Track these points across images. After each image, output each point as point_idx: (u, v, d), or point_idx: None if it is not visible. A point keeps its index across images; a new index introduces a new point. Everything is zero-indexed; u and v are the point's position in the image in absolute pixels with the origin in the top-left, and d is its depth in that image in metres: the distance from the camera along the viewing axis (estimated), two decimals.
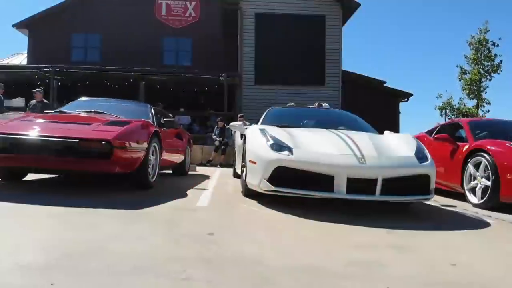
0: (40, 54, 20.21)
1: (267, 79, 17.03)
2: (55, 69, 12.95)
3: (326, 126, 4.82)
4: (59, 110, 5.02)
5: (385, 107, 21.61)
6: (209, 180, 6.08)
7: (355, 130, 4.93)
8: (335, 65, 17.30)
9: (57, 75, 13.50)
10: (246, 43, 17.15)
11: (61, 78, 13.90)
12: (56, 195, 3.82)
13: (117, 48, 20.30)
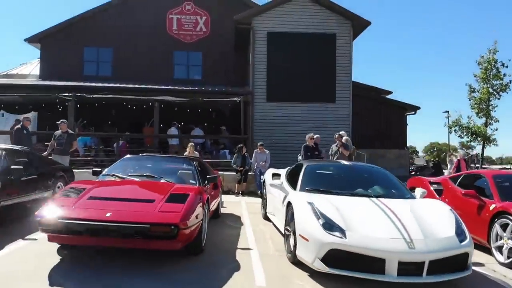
0: (52, 68, 20.46)
1: (278, 96, 17.33)
2: (75, 94, 13.19)
3: (363, 187, 5.17)
4: (113, 174, 5.32)
5: (393, 120, 21.96)
6: (244, 228, 6.39)
7: (388, 191, 5.28)
8: (345, 82, 17.58)
9: (77, 98, 13.75)
10: (258, 61, 17.43)
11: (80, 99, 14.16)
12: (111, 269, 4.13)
13: (128, 62, 20.53)
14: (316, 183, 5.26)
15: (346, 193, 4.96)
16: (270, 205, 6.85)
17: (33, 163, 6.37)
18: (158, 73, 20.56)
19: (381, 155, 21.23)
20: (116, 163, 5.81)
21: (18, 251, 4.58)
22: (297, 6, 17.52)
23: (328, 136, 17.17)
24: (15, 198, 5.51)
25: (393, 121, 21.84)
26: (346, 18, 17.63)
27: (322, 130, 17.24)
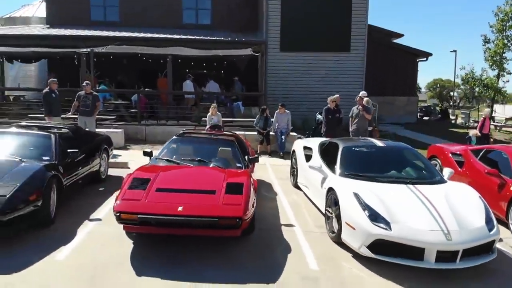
0: (59, 13, 20.00)
1: (292, 46, 17.20)
2: (93, 49, 13.14)
3: (396, 169, 5.66)
4: (167, 159, 5.72)
5: (404, 66, 21.88)
6: (280, 199, 6.94)
7: (420, 173, 5.76)
8: (360, 31, 17.37)
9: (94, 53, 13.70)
10: (272, 9, 17.06)
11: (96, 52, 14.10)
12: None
13: (136, 7, 20.03)
14: (354, 167, 5.68)
15: (384, 179, 5.40)
16: (301, 176, 7.32)
17: (82, 140, 6.73)
18: (167, 17, 20.13)
19: (390, 102, 21.52)
20: (164, 146, 6.18)
21: (91, 236, 5.09)
22: None
23: (342, 87, 17.36)
24: (73, 178, 5.95)
25: (404, 67, 21.76)
26: None
27: (336, 80, 17.40)
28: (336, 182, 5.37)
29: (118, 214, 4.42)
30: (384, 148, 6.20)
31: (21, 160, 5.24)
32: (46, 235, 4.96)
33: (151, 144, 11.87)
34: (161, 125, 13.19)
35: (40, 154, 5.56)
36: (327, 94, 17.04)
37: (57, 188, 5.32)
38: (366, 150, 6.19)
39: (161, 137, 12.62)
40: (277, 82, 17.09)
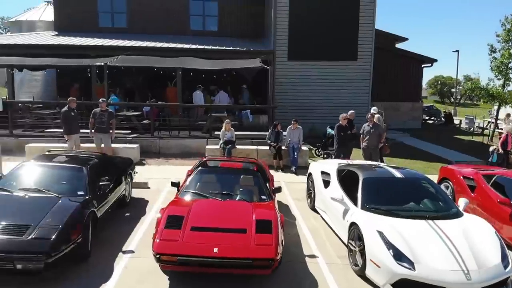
0: (66, 19, 20.20)
1: (300, 55, 17.44)
2: (107, 64, 13.36)
3: (415, 201, 5.93)
4: (196, 193, 5.96)
5: (409, 72, 22.09)
6: (299, 224, 7.20)
7: (437, 204, 6.02)
8: (367, 39, 17.59)
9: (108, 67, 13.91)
10: (280, 18, 17.28)
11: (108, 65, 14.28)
12: None
13: (143, 13, 20.24)
14: (375, 199, 5.94)
15: (405, 214, 5.66)
16: (319, 200, 7.58)
17: (108, 167, 6.96)
18: (174, 24, 20.35)
19: (395, 108, 21.77)
20: (191, 177, 6.41)
21: (128, 271, 5.30)
22: None
23: (349, 95, 17.60)
24: (104, 208, 6.21)
25: (409, 73, 22.02)
26: None
27: (343, 88, 17.65)
28: (359, 217, 5.62)
29: (158, 256, 4.69)
30: (403, 179, 6.45)
31: (58, 197, 5.48)
32: (85, 271, 5.22)
33: (165, 158, 12.12)
34: (174, 137, 13.42)
35: (74, 188, 5.80)
36: (334, 102, 17.43)
37: (93, 222, 5.58)
38: (385, 181, 6.42)
39: (174, 150, 12.90)
40: (284, 90, 17.33)
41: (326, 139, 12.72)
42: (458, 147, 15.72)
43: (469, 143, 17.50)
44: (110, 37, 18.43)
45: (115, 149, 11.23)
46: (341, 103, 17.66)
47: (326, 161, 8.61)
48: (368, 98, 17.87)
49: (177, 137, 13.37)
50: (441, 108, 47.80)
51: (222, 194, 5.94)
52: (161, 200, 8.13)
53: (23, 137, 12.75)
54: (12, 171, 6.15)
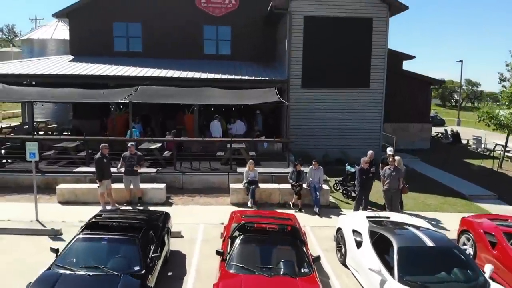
0: (81, 43, 20.59)
1: (313, 83, 17.82)
2: (132, 101, 13.75)
3: (446, 271, 6.35)
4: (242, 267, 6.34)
5: (417, 93, 22.46)
6: (332, 282, 7.60)
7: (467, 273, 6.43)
8: (380, 67, 17.96)
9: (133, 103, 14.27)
10: (294, 47, 17.66)
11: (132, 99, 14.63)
12: None
13: (158, 37, 20.64)
14: (411, 271, 6.35)
15: (438, 287, 6.08)
16: (350, 258, 7.97)
17: (155, 231, 7.35)
18: (189, 48, 20.77)
19: (404, 129, 22.21)
20: (235, 246, 6.77)
21: None
22: None
23: (361, 120, 18.00)
24: (155, 277, 6.61)
25: (417, 94, 22.37)
26: (383, 1, 17.53)
27: (356, 115, 18.03)
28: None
29: None
30: (435, 248, 6.82)
31: (119, 276, 5.86)
32: None
33: (190, 195, 12.51)
34: (196, 171, 13.81)
35: (130, 264, 6.14)
36: (347, 128, 17.86)
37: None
38: (419, 251, 6.78)
39: (197, 185, 13.30)
40: (298, 116, 17.69)
41: (346, 176, 13.09)
42: (469, 176, 16.10)
43: (480, 170, 17.89)
44: (126, 62, 18.85)
45: (143, 190, 11.65)
46: (353, 129, 18.13)
47: (355, 216, 8.92)
48: (380, 124, 18.27)
49: (199, 172, 13.75)
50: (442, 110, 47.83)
51: (268, 269, 6.31)
52: (198, 254, 8.54)
53: (49, 173, 13.11)
54: (69, 246, 6.49)
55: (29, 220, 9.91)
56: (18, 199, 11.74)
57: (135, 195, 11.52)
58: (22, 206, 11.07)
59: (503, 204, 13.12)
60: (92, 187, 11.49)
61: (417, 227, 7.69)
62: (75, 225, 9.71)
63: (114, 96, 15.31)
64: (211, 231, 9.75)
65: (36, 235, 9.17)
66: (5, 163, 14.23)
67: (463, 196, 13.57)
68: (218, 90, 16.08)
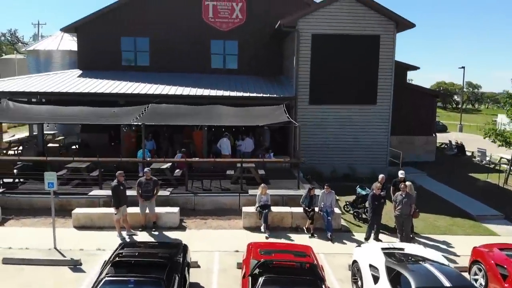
0: (89, 57, 20.74)
1: (320, 99, 18.02)
2: (145, 123, 13.89)
3: None
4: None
5: (423, 107, 22.61)
6: None
7: None
8: (387, 84, 18.13)
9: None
10: (302, 64, 17.83)
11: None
12: None
13: (165, 52, 20.81)
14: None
15: None
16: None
17: (177, 266, 7.53)
18: (196, 62, 20.96)
19: (409, 142, 22.39)
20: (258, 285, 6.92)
21: None
22: (343, 7, 17.56)
23: (368, 136, 18.17)
24: None
25: (423, 108, 22.54)
26: (391, 19, 17.70)
27: (363, 130, 18.21)
28: None
29: None
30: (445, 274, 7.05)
31: None
32: None
33: (202, 218, 12.66)
34: (207, 191, 13.98)
35: None
36: (353, 143, 18.08)
37: None
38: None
39: (209, 206, 13.46)
40: (305, 132, 17.82)
41: (356, 198, 13.26)
42: (476, 193, 16.28)
43: (486, 186, 18.07)
44: (134, 77, 19.10)
45: (157, 214, 11.81)
46: (360, 145, 18.31)
47: (370, 249, 9.05)
48: (387, 139, 18.46)
49: (210, 193, 13.90)
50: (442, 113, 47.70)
51: None
52: (216, 287, 8.72)
53: (64, 195, 13.25)
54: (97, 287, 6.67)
55: (47, 248, 10.08)
56: (34, 223, 11.90)
57: (150, 220, 11.68)
58: (39, 232, 11.23)
59: (510, 224, 13.29)
60: (108, 212, 11.64)
61: (432, 262, 7.86)
62: (94, 253, 9.94)
63: (125, 115, 15.43)
64: (226, 260, 9.91)
65: (56, 265, 9.32)
66: (18, 183, 14.38)
67: (471, 217, 13.74)
68: (227, 108, 16.25)
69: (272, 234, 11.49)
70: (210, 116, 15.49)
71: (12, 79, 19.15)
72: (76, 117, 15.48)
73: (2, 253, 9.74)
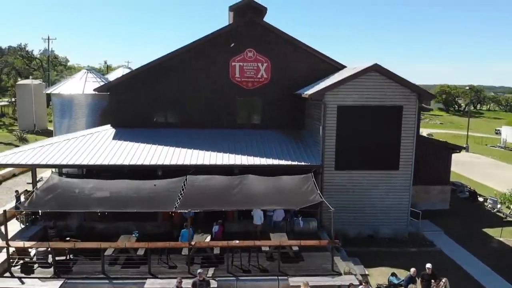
0: (124, 117, 21.70)
1: (346, 165, 19.04)
2: (190, 214, 14.92)
3: None
4: None
5: (437, 158, 23.71)
6: None
7: None
8: (408, 150, 19.17)
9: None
10: (328, 132, 18.77)
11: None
12: None
13: (194, 109, 21.83)
14: None
15: None
16: None
17: None
18: (223, 119, 21.96)
19: (425, 191, 23.55)
20: None
21: None
22: (368, 80, 18.50)
23: (391, 201, 19.27)
24: None
25: (438, 159, 23.61)
26: (413, 91, 18.65)
27: (386, 195, 19.29)
28: None
29: None
30: None
31: None
32: None
33: None
34: (247, 272, 15.05)
35: None
36: (377, 206, 19.12)
37: None
38: None
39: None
40: (331, 196, 18.86)
41: (388, 285, 14.38)
42: (492, 260, 17.45)
43: (500, 250, 19.17)
44: (166, 136, 20.36)
45: None
46: (383, 208, 19.39)
47: None
48: (408, 202, 19.56)
49: (250, 276, 14.89)
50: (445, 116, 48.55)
51: None
52: None
53: (117, 280, 14.33)
54: None
55: None
56: None
57: None
58: None
59: None
60: None
61: None
62: None
63: (166, 190, 16.42)
64: None
65: None
66: (71, 264, 15.36)
67: None
68: (257, 181, 17.14)
69: None
70: (244, 194, 16.36)
71: (43, 146, 19.63)
72: (127, 200, 16.03)
73: None
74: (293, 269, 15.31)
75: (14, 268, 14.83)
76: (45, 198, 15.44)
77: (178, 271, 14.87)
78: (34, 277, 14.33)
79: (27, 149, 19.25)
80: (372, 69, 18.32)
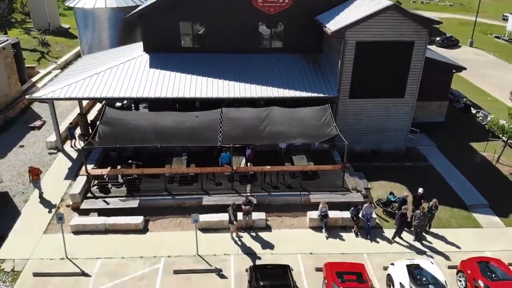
0: (153, 41, 23.56)
1: (358, 94, 21.82)
2: (233, 145, 18.22)
3: None
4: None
5: (440, 78, 26.27)
6: None
7: None
8: (414, 80, 21.78)
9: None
10: (346, 66, 21.12)
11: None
12: None
13: (218, 34, 23.54)
14: None
15: None
16: None
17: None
18: (246, 43, 23.84)
19: (425, 106, 26.66)
20: None
21: None
22: (386, 18, 20.03)
23: (394, 123, 22.54)
24: None
25: (439, 78, 26.08)
26: (425, 27, 20.36)
27: (390, 118, 22.46)
28: None
29: None
30: None
31: None
32: None
33: (278, 215, 18.12)
34: (276, 189, 19.16)
35: None
36: (382, 128, 22.55)
37: None
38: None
39: (279, 202, 18.76)
40: (344, 120, 22.07)
41: (386, 201, 18.51)
42: (473, 173, 21.48)
43: (481, 163, 23.06)
44: (196, 61, 22.80)
45: (253, 220, 17.19)
46: (387, 129, 22.74)
47: (399, 267, 14.45)
48: (409, 123, 22.84)
49: (279, 192, 19.01)
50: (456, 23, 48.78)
51: None
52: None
53: (179, 196, 18.53)
54: None
55: (192, 254, 15.73)
56: (167, 225, 17.38)
57: (248, 224, 17.15)
58: (178, 236, 16.72)
59: (492, 214, 18.82)
60: (220, 219, 17.07)
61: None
62: (224, 259, 15.65)
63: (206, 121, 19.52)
64: (307, 262, 15.64)
65: (206, 273, 15.12)
66: (138, 183, 19.26)
67: (464, 207, 19.19)
68: (280, 112, 20.03)
69: (329, 233, 17.10)
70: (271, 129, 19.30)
71: (96, 75, 22.02)
72: (177, 133, 18.88)
73: (170, 264, 15.35)
74: (312, 185, 19.40)
75: (93, 189, 18.84)
76: (109, 133, 18.57)
77: (223, 188, 19.03)
78: (113, 196, 18.42)
79: (72, 82, 21.43)
80: (391, 8, 19.70)
